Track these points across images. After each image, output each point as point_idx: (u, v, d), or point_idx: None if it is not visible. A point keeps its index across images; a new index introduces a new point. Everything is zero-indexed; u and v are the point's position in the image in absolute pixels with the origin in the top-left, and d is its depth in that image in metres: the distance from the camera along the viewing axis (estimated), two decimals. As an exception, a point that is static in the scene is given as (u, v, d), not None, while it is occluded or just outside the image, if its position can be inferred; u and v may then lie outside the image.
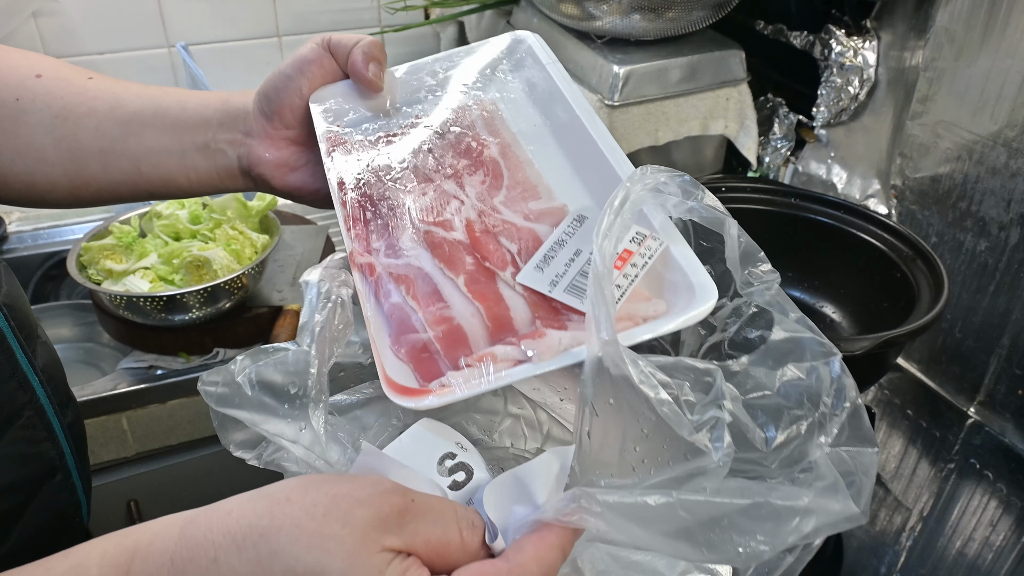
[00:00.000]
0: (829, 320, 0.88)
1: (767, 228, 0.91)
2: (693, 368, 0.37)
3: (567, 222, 0.47)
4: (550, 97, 0.57)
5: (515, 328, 0.44)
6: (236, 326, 1.09)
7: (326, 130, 0.57)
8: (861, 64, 1.02)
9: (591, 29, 1.09)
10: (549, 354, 0.40)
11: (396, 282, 0.47)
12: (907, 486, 0.83)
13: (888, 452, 0.87)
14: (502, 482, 0.37)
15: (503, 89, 0.60)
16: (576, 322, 0.43)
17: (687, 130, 1.12)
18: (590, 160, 0.51)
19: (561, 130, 0.55)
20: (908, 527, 0.78)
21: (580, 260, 0.45)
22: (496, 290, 0.46)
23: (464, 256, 0.48)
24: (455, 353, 0.43)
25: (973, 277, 0.89)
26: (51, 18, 1.33)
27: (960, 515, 0.79)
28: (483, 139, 0.55)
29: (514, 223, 0.49)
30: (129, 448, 1.07)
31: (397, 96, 0.60)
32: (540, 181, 0.52)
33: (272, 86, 0.59)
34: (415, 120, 0.58)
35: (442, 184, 0.53)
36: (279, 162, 0.60)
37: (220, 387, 0.42)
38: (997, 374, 0.88)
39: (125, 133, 0.60)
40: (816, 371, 0.39)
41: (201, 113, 0.60)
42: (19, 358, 0.58)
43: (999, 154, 0.84)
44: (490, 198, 0.51)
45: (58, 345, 1.20)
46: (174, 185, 0.62)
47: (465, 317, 0.45)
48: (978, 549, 0.75)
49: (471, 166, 0.54)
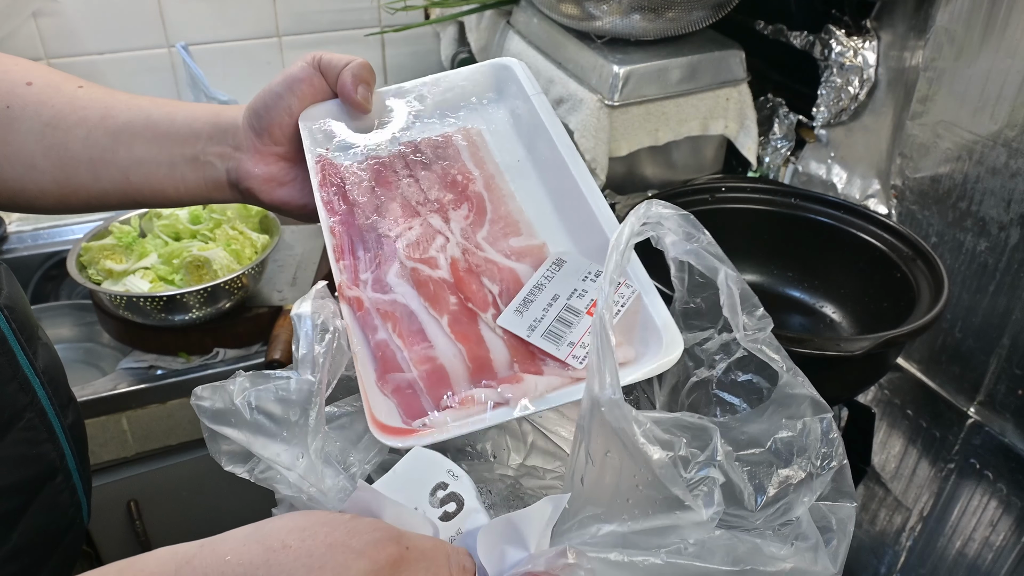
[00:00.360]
0: (829, 320, 0.88)
1: (767, 228, 0.91)
2: (692, 426, 0.39)
3: (546, 266, 0.50)
4: (534, 131, 0.59)
5: (494, 370, 0.46)
6: (236, 326, 1.09)
7: (317, 155, 0.58)
8: (861, 64, 1.02)
9: (591, 29, 1.09)
10: (526, 399, 0.44)
11: (383, 318, 0.49)
12: (907, 486, 0.83)
13: (888, 452, 0.87)
14: (496, 526, 0.38)
15: (488, 119, 0.62)
16: (551, 366, 0.46)
17: (687, 130, 1.12)
18: (570, 199, 0.54)
19: (543, 165, 0.57)
20: (908, 527, 0.78)
21: (557, 305, 0.47)
22: (477, 331, 0.48)
23: (448, 296, 0.50)
24: (438, 391, 0.46)
25: (973, 277, 0.89)
26: (51, 18, 1.33)
27: (960, 515, 0.79)
28: (468, 172, 0.57)
29: (496, 262, 0.52)
30: (129, 448, 1.07)
31: (385, 117, 0.62)
32: (522, 216, 0.55)
33: (262, 103, 0.60)
34: (402, 146, 0.60)
35: (428, 218, 0.54)
36: (267, 177, 0.61)
37: (215, 403, 0.43)
38: (997, 374, 0.88)
39: (115, 143, 0.61)
40: (807, 428, 0.41)
41: (191, 126, 0.61)
42: (20, 360, 0.58)
43: (999, 154, 0.84)
44: (474, 234, 0.53)
45: (58, 345, 1.20)
46: (163, 195, 0.63)
47: (448, 357, 0.47)
48: (978, 549, 0.75)
49: (456, 200, 0.56)
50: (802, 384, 0.41)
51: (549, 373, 0.45)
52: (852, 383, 0.78)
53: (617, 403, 0.36)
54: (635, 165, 1.14)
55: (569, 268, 0.49)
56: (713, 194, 0.91)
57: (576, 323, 0.46)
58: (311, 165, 0.57)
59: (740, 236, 0.91)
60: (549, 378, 0.45)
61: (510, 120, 0.62)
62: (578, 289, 0.48)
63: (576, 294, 0.48)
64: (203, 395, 0.43)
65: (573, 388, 0.44)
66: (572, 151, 0.55)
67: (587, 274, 0.49)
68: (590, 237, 0.51)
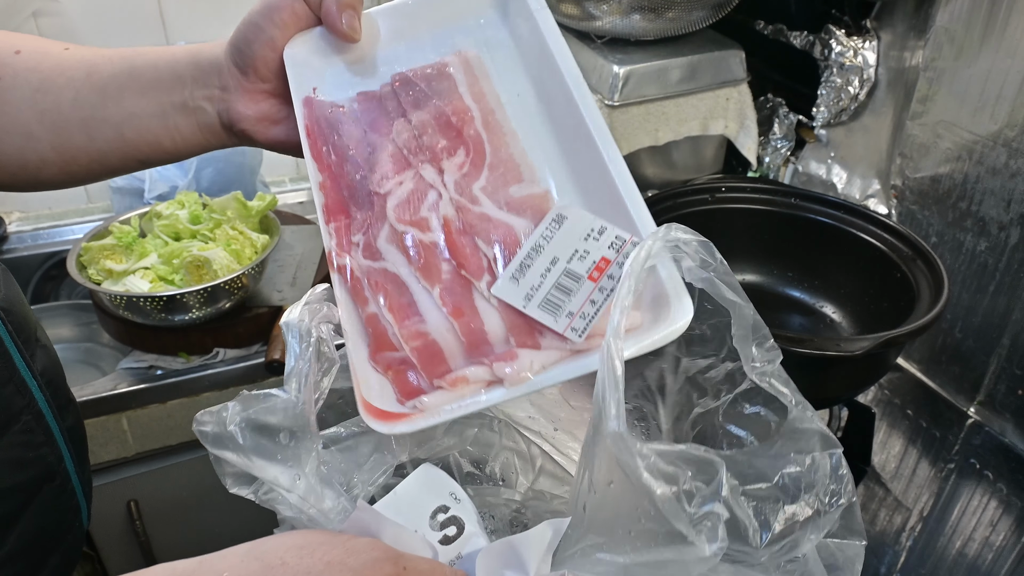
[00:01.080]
0: (829, 320, 0.88)
1: (767, 228, 0.91)
2: (698, 459, 0.38)
3: (546, 223, 0.46)
4: (539, 56, 0.53)
5: (489, 343, 0.44)
6: (236, 326, 1.09)
7: (303, 96, 0.54)
8: (861, 64, 1.02)
9: (591, 29, 1.09)
10: (520, 377, 0.41)
11: (373, 290, 0.46)
12: (907, 486, 0.83)
13: (888, 452, 0.87)
14: (496, 549, 0.38)
15: (487, 42, 0.56)
16: (549, 338, 0.43)
17: (687, 130, 1.12)
18: (576, 137, 0.49)
19: (548, 98, 0.52)
20: (908, 527, 0.78)
21: (556, 270, 0.44)
22: (471, 303, 0.45)
23: (440, 263, 0.47)
24: (432, 368, 0.43)
25: (973, 277, 0.89)
26: (51, 18, 1.33)
27: (960, 515, 0.79)
28: (465, 110, 0.52)
29: (492, 218, 0.48)
30: (129, 448, 1.07)
31: (375, 44, 0.57)
32: (524, 159, 0.50)
33: (243, 38, 0.56)
34: (394, 78, 0.55)
35: (420, 170, 0.50)
36: (259, 116, 0.58)
37: (214, 427, 0.42)
38: (997, 374, 0.88)
39: (104, 99, 0.58)
40: (816, 464, 0.40)
41: (174, 70, 0.58)
42: (16, 362, 0.57)
43: (999, 154, 0.84)
44: (469, 186, 0.49)
45: (58, 345, 1.20)
46: (160, 149, 0.60)
47: (440, 332, 0.45)
48: (978, 549, 0.75)
49: (451, 145, 0.51)
50: (811, 419, 0.41)
51: (546, 346, 0.43)
52: (852, 383, 0.78)
53: (621, 436, 0.36)
54: (635, 165, 1.14)
55: (570, 224, 0.45)
56: (713, 194, 0.91)
57: (576, 290, 0.43)
58: (297, 109, 0.53)
59: (740, 236, 0.91)
60: (546, 352, 0.42)
61: (512, 43, 0.55)
62: (579, 250, 0.44)
63: (577, 256, 0.44)
64: (204, 420, 0.42)
65: (571, 364, 0.42)
66: (579, 82, 0.50)
67: (589, 232, 0.44)
68: (597, 181, 0.47)
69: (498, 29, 0.56)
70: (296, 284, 1.17)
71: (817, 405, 0.84)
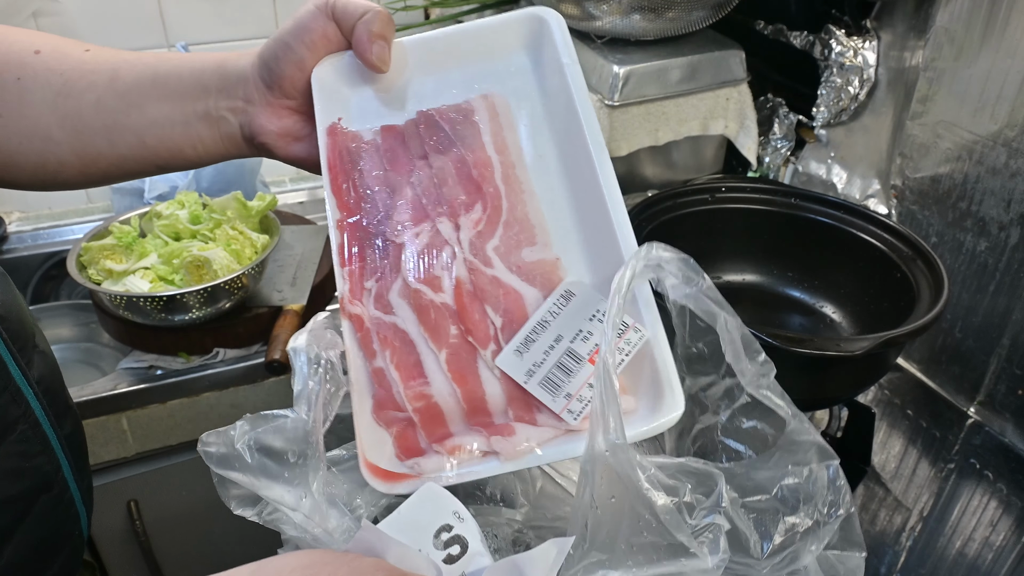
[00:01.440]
0: (829, 320, 0.88)
1: (767, 228, 0.91)
2: (697, 471, 0.38)
3: (554, 299, 0.47)
4: (565, 114, 0.52)
5: (489, 412, 0.45)
6: (236, 326, 1.09)
7: (328, 124, 0.55)
8: (861, 64, 1.02)
9: (591, 29, 1.09)
10: (516, 452, 0.43)
11: (382, 344, 0.48)
12: (907, 486, 0.83)
13: (888, 452, 0.87)
14: (501, 568, 0.38)
15: (516, 91, 0.55)
16: (546, 415, 0.44)
17: (687, 130, 1.12)
18: (592, 207, 0.49)
19: (569, 159, 0.52)
20: (908, 527, 0.78)
21: (559, 349, 0.45)
22: (475, 370, 0.47)
23: (449, 326, 0.48)
24: (432, 430, 0.45)
25: (973, 277, 0.89)
26: (51, 18, 1.33)
27: (960, 515, 0.79)
28: (487, 162, 0.53)
29: (503, 284, 0.49)
30: (129, 448, 1.07)
31: (404, 76, 0.57)
32: (539, 220, 0.51)
33: (272, 54, 0.56)
34: (419, 116, 0.55)
35: (437, 223, 0.51)
36: (282, 132, 0.58)
37: (220, 448, 0.42)
38: (997, 374, 0.88)
39: (127, 106, 0.58)
40: (814, 475, 0.41)
41: (199, 79, 0.58)
42: (12, 370, 0.56)
43: (999, 154, 0.84)
44: (484, 244, 0.50)
45: (58, 345, 1.21)
46: (181, 156, 0.60)
47: (443, 396, 0.46)
48: (978, 549, 0.75)
49: (469, 201, 0.52)
50: (808, 431, 0.41)
51: (543, 423, 0.44)
52: (852, 383, 0.78)
53: (622, 447, 0.36)
54: (635, 165, 1.14)
55: (577, 303, 0.46)
56: (713, 194, 0.91)
57: (576, 371, 0.44)
58: (321, 139, 0.54)
59: (740, 236, 0.91)
60: (542, 430, 0.44)
61: (539, 96, 0.55)
62: (583, 331, 0.45)
63: (580, 336, 0.45)
64: (209, 441, 0.43)
65: (566, 444, 0.43)
66: (601, 147, 0.50)
67: (594, 313, 0.46)
68: (607, 255, 0.47)
69: (527, 78, 0.56)
70: (296, 284, 1.17)
71: (817, 405, 0.85)
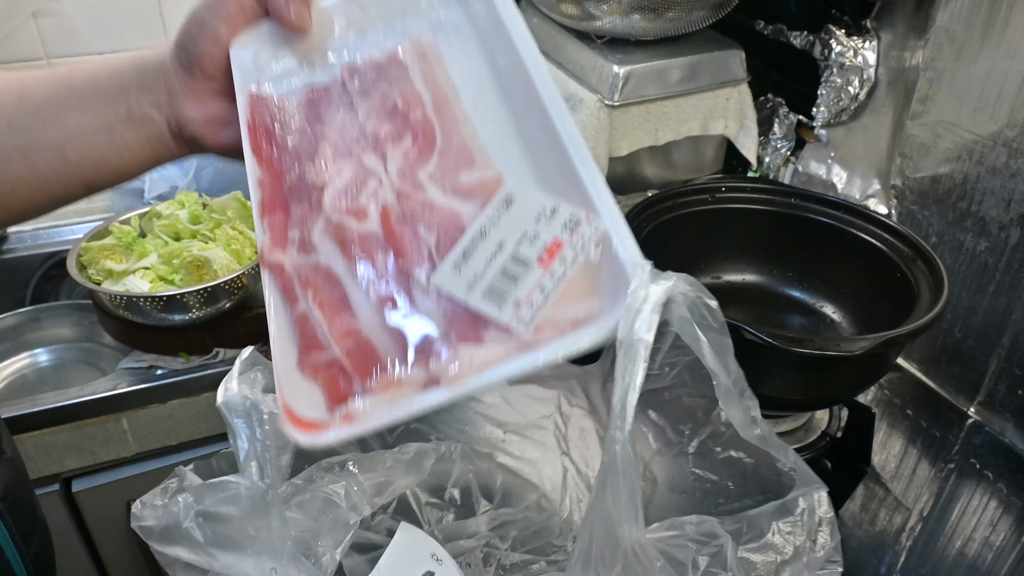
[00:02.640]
0: (829, 320, 0.88)
1: (767, 228, 0.91)
2: (704, 536, 0.37)
3: (492, 206, 0.41)
4: (494, 32, 0.49)
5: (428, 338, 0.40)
6: (236, 326, 1.09)
7: (247, 91, 0.51)
8: (861, 64, 1.02)
9: (591, 29, 1.09)
10: (459, 376, 0.37)
11: (303, 286, 0.42)
12: (907, 486, 0.83)
13: (888, 452, 0.87)
14: None
15: (443, 24, 0.52)
16: (493, 331, 0.38)
17: (687, 130, 1.12)
18: (532, 117, 0.45)
19: (504, 79, 0.48)
20: (908, 527, 0.78)
21: (502, 256, 0.39)
22: (409, 295, 0.41)
23: (376, 252, 0.43)
24: (364, 370, 0.39)
25: (973, 277, 0.89)
26: (51, 18, 1.33)
27: (960, 515, 0.79)
28: (414, 94, 0.49)
29: (438, 205, 0.44)
30: (129, 448, 1.07)
31: (325, 34, 0.53)
32: (476, 143, 0.46)
33: (187, 34, 0.52)
34: (341, 71, 0.52)
35: (362, 157, 0.47)
36: (208, 118, 0.53)
37: (160, 520, 0.37)
38: (997, 374, 0.88)
39: (42, 122, 0.54)
40: (804, 511, 0.39)
41: (117, 80, 0.54)
42: None
43: (999, 154, 0.84)
44: (414, 172, 0.46)
45: (58, 345, 1.21)
46: (108, 168, 0.55)
47: (374, 328, 0.40)
48: (978, 549, 0.75)
49: (397, 131, 0.47)
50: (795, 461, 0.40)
51: (489, 340, 0.38)
52: (852, 383, 0.78)
53: (643, 540, 0.34)
54: (635, 165, 1.14)
55: (520, 206, 0.41)
56: (713, 194, 0.91)
57: (524, 276, 0.39)
58: (240, 105, 0.50)
59: (740, 236, 0.91)
60: (489, 347, 0.38)
61: (467, 22, 0.52)
62: (529, 232, 0.40)
63: (526, 239, 0.40)
64: (144, 515, 0.38)
65: (517, 360, 0.37)
66: (536, 60, 0.46)
67: (541, 212, 0.40)
68: (552, 158, 0.43)
69: (452, 8, 0.53)
70: (296, 284, 1.17)
71: (817, 405, 0.85)
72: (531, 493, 0.53)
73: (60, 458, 1.03)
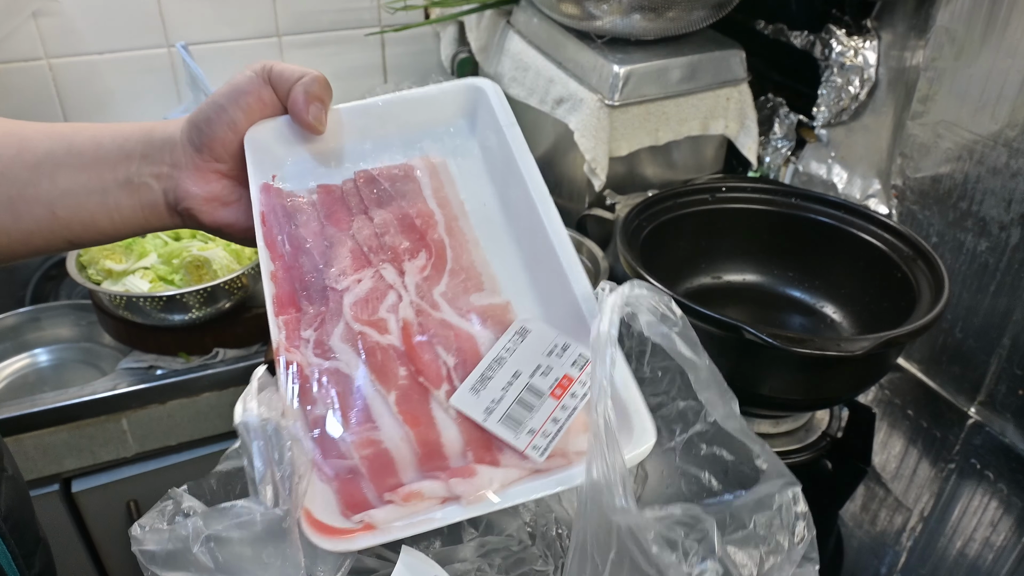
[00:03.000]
0: (829, 320, 0.88)
1: (767, 228, 0.91)
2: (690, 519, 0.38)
3: (508, 336, 0.45)
4: (505, 168, 0.53)
5: (446, 456, 0.42)
6: (236, 326, 1.09)
7: (261, 182, 0.53)
8: (861, 64, 1.02)
9: (591, 29, 1.09)
10: (477, 495, 0.40)
11: (322, 390, 0.44)
12: (907, 486, 0.83)
13: (888, 452, 0.87)
14: None
15: (455, 149, 0.56)
16: (509, 455, 0.41)
17: (687, 130, 1.12)
18: (539, 251, 0.49)
19: (512, 210, 0.52)
20: (908, 527, 0.78)
21: (518, 384, 0.43)
22: (428, 412, 0.44)
23: (397, 367, 0.45)
24: (382, 480, 0.41)
25: (973, 277, 0.89)
26: (51, 18, 1.32)
27: (960, 515, 0.79)
28: (429, 213, 0.52)
29: (453, 326, 0.46)
30: (129, 448, 1.07)
31: (341, 139, 0.56)
32: (486, 269, 0.49)
33: (203, 116, 0.54)
34: (357, 175, 0.54)
35: (380, 269, 0.49)
36: (208, 196, 0.55)
37: (166, 545, 0.37)
38: (997, 374, 0.88)
39: (36, 176, 0.54)
40: (781, 506, 0.41)
41: (121, 147, 0.55)
42: None
43: (999, 154, 0.84)
44: (430, 290, 0.48)
45: (58, 345, 1.21)
46: (95, 228, 0.56)
47: (394, 440, 0.42)
48: (978, 549, 0.75)
49: (413, 247, 0.50)
50: (772, 458, 0.41)
51: (506, 464, 0.41)
52: (852, 383, 0.78)
53: (632, 515, 0.35)
54: (635, 165, 1.14)
55: (533, 339, 0.44)
56: (713, 194, 0.91)
57: (538, 406, 0.42)
58: (254, 194, 0.52)
59: (740, 236, 0.91)
60: (506, 470, 0.41)
61: (479, 153, 0.56)
62: (542, 366, 0.43)
63: (539, 371, 0.43)
64: (145, 538, 0.37)
65: (531, 483, 0.40)
66: (544, 195, 0.50)
67: (552, 348, 0.44)
68: (559, 297, 0.47)
69: (466, 139, 0.56)
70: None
71: (817, 405, 0.85)
72: (513, 521, 0.53)
73: (60, 458, 1.03)
